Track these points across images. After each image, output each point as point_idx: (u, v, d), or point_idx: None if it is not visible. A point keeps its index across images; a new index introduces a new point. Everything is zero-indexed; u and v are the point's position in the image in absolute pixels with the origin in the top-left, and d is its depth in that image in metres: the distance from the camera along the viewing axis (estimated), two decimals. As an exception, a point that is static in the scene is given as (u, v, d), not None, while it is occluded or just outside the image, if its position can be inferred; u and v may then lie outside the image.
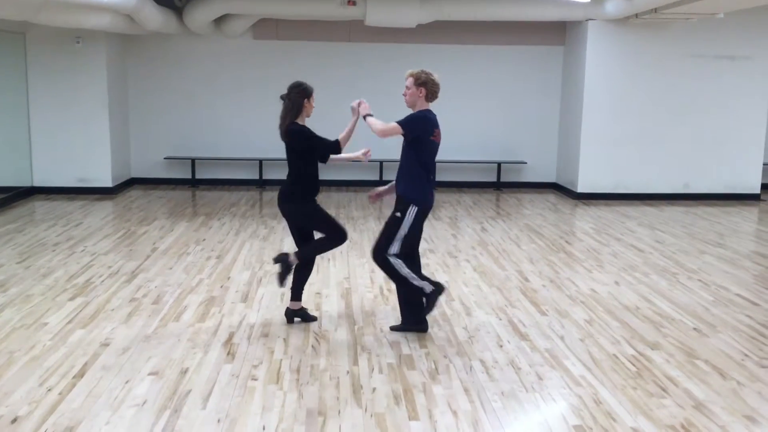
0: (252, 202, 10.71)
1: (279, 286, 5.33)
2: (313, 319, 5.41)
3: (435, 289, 5.05)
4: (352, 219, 9.51)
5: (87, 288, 6.19)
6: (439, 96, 5.05)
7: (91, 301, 5.84)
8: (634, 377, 4.48)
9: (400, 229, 4.97)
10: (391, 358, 4.72)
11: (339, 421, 3.83)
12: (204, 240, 8.13)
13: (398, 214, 5.00)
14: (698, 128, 11.44)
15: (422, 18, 10.69)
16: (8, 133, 10.51)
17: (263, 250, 7.66)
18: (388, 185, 5.40)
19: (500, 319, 5.56)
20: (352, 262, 7.22)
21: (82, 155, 11.05)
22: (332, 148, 5.14)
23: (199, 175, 12.18)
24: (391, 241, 4.99)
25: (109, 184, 11.15)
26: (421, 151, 4.97)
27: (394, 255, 5.00)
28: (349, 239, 5.91)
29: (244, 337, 5.08)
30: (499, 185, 12.43)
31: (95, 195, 10.93)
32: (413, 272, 5.04)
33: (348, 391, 4.21)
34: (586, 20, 11.07)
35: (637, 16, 10.33)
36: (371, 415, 3.90)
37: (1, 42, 10.14)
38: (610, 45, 11.12)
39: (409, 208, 4.97)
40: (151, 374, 4.39)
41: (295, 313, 5.37)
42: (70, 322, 5.31)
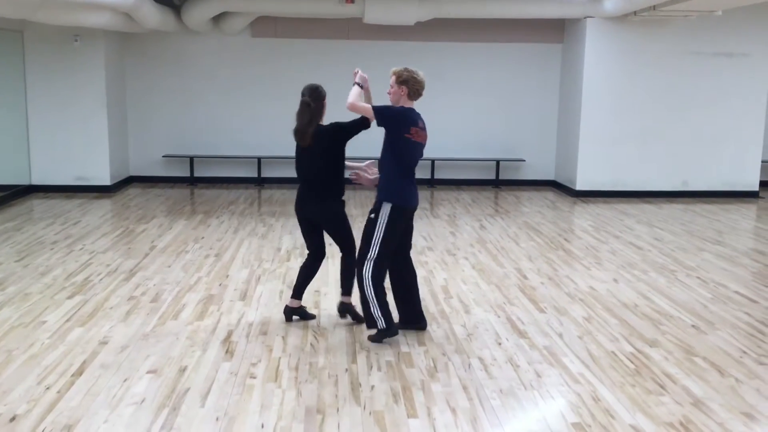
0: (250, 200, 10.71)
1: (367, 327, 5.07)
2: (312, 317, 5.41)
3: (386, 330, 4.87)
4: (351, 216, 9.47)
5: (85, 286, 6.19)
6: (423, 94, 4.93)
7: (89, 299, 5.84)
8: (632, 374, 4.49)
9: (376, 231, 4.83)
10: (390, 355, 4.72)
11: (338, 419, 3.83)
12: (202, 238, 8.13)
13: (372, 215, 4.89)
14: (697, 125, 11.44)
15: (421, 15, 10.68)
16: (6, 131, 10.50)
17: (262, 248, 7.66)
18: (366, 162, 5.22)
19: (499, 317, 5.56)
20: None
21: (81, 153, 11.04)
22: (361, 122, 5.01)
23: (197, 173, 12.17)
24: (370, 245, 4.86)
25: (107, 182, 11.14)
26: (398, 150, 4.84)
27: (373, 267, 4.83)
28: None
29: (242, 335, 5.08)
30: (497, 183, 12.43)
31: (93, 193, 10.92)
32: (381, 299, 4.85)
33: (347, 388, 4.21)
34: (585, 18, 11.06)
35: (635, 13, 10.33)
36: (370, 413, 3.90)
37: (-2, 40, 10.14)
38: (608, 42, 11.11)
39: (382, 207, 4.84)
40: (149, 372, 4.39)
41: (294, 311, 5.37)
42: (68, 320, 5.31)
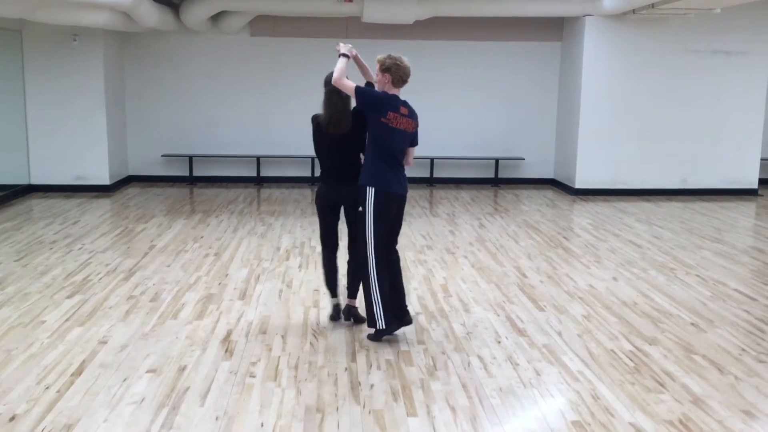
0: (250, 199, 10.70)
1: (368, 326, 5.03)
2: (363, 320, 5.20)
3: (385, 330, 4.88)
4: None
5: (85, 286, 6.19)
6: (408, 81, 4.87)
7: (88, 298, 5.83)
8: (631, 372, 4.49)
9: (367, 223, 4.80)
10: (389, 354, 4.73)
11: (337, 418, 3.83)
12: (202, 237, 8.12)
13: (360, 208, 4.87)
14: (696, 123, 11.45)
15: (419, 14, 10.68)
16: (5, 131, 10.48)
17: (261, 247, 7.66)
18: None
19: (498, 315, 5.57)
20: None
21: (80, 153, 11.03)
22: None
23: (196, 173, 12.16)
24: (366, 243, 4.83)
25: (106, 181, 11.13)
26: (374, 133, 4.78)
27: (376, 265, 4.81)
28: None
29: (242, 334, 5.08)
30: (496, 181, 12.42)
31: (93, 193, 10.92)
32: (385, 300, 4.84)
33: (346, 387, 4.21)
34: (584, 16, 11.06)
35: (634, 11, 10.33)
36: (369, 412, 3.90)
37: (-3, 40, 10.13)
38: (607, 41, 11.11)
39: (366, 194, 4.80)
40: (149, 372, 4.39)
41: (351, 311, 5.28)
42: (67, 319, 5.31)
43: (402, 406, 3.98)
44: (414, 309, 5.61)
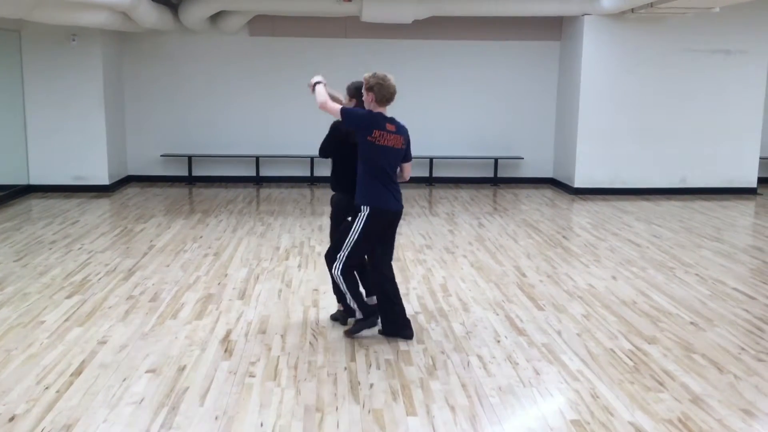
0: (249, 199, 10.70)
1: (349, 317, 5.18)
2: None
3: (364, 320, 4.96)
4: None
5: (84, 286, 6.19)
6: (395, 99, 4.87)
7: (88, 299, 5.83)
8: (631, 371, 4.49)
9: (351, 233, 4.82)
10: (389, 354, 4.73)
11: (337, 417, 3.83)
12: (201, 237, 8.12)
13: (349, 218, 4.90)
14: (695, 122, 11.45)
15: (418, 14, 10.68)
16: (4, 131, 10.48)
17: (260, 247, 7.66)
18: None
19: (497, 315, 5.57)
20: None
21: (79, 153, 11.02)
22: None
23: (195, 173, 12.16)
24: (341, 246, 4.86)
25: (105, 181, 11.13)
26: (362, 152, 4.79)
27: (342, 266, 4.84)
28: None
29: (241, 334, 5.08)
30: (496, 181, 12.42)
31: (92, 193, 10.92)
32: (354, 290, 4.90)
33: (346, 387, 4.21)
34: (583, 15, 11.06)
35: (633, 11, 10.33)
36: (369, 411, 3.90)
37: (-4, 40, 10.13)
38: (606, 40, 11.11)
39: (361, 211, 4.82)
40: (148, 372, 4.39)
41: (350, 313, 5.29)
42: (67, 320, 5.31)
43: (401, 405, 3.98)
44: (413, 308, 5.63)
